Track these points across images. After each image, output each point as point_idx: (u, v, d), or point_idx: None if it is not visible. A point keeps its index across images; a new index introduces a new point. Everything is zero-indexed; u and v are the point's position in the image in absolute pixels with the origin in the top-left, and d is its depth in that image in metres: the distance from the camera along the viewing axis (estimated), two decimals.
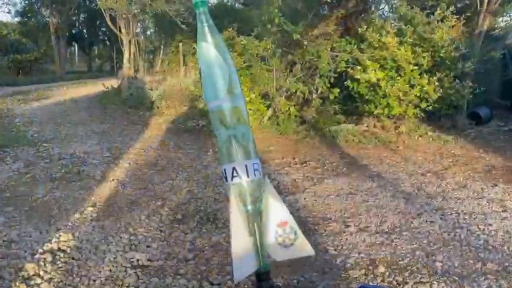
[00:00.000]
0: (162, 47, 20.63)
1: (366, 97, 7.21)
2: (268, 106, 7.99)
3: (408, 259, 2.96)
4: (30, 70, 20.93)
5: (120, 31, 11.77)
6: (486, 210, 3.89)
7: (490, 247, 3.11)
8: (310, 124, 7.74)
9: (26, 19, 25.28)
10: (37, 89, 14.76)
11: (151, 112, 9.68)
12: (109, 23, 12.00)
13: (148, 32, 22.51)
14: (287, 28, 7.29)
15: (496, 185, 4.60)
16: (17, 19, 25.82)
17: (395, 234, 3.39)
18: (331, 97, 7.62)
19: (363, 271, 2.79)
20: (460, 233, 3.37)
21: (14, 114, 9.07)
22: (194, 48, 11.66)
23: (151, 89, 10.92)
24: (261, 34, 8.01)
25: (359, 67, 7.14)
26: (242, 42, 7.97)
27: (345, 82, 7.46)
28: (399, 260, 2.94)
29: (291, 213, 2.27)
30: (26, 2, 23.92)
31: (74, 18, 25.93)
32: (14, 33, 25.25)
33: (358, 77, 7.05)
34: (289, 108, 7.76)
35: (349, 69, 7.38)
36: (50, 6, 21.70)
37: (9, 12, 38.90)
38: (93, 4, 20.69)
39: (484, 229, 3.44)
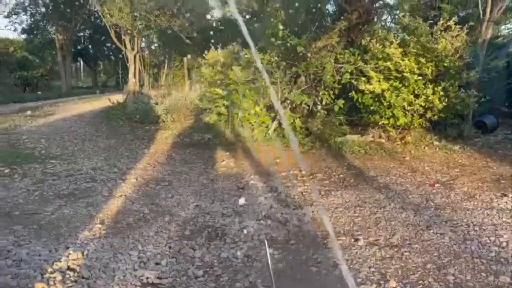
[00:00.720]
0: (166, 61, 20.83)
1: (371, 108, 7.23)
2: (273, 119, 8.01)
3: (419, 272, 2.93)
4: (37, 86, 21.16)
5: (125, 46, 11.91)
6: (496, 221, 3.86)
7: (502, 259, 3.08)
8: (316, 136, 7.74)
9: (32, 36, 25.65)
10: (44, 105, 14.88)
11: (156, 127, 9.73)
12: (114, 39, 12.15)
13: (153, 47, 22.73)
14: (291, 42, 7.35)
15: (505, 195, 4.57)
16: (23, 36, 26.22)
17: (405, 247, 3.36)
18: (336, 108, 7.63)
19: (374, 286, 2.77)
20: (470, 245, 3.34)
21: (21, 131, 9.14)
22: (198, 62, 11.78)
23: (157, 104, 10.98)
24: (265, 47, 8.08)
25: (363, 78, 7.17)
26: (246, 56, 8.03)
27: (350, 93, 7.49)
28: (410, 274, 2.91)
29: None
30: (33, 19, 24.29)
31: (79, 34, 26.27)
32: (20, 51, 25.60)
33: (363, 88, 7.09)
34: (294, 120, 7.77)
35: (353, 81, 7.41)
36: (56, 23, 22.01)
37: (14, 30, 39.36)
38: (98, 21, 20.93)
39: (495, 241, 3.40)
